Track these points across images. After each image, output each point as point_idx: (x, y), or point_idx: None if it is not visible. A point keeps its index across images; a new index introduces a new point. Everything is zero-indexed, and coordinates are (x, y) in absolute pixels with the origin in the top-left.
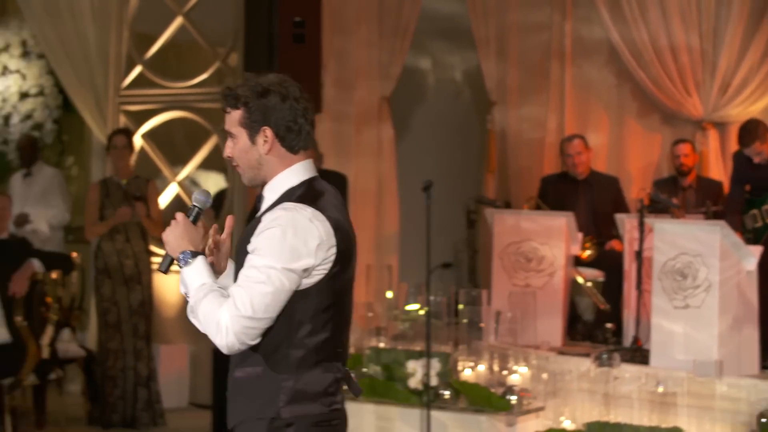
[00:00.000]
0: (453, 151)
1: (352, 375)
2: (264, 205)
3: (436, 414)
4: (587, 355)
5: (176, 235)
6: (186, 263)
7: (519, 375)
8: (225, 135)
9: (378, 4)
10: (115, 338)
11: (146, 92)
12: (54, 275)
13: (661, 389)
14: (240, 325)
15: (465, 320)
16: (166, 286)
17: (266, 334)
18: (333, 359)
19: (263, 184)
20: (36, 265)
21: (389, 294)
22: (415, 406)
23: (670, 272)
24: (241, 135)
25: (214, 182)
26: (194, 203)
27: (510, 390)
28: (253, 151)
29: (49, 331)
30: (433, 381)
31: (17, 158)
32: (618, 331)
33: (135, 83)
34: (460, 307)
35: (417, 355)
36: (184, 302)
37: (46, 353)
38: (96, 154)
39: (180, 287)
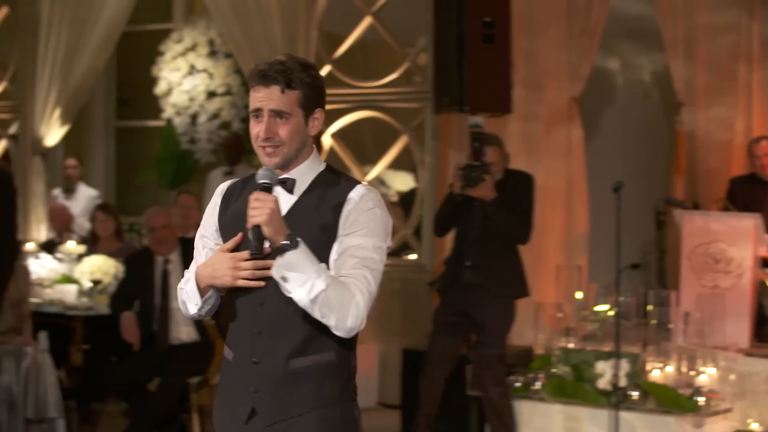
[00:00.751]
0: (641, 152)
1: None
2: (299, 189)
3: (624, 415)
4: None
5: (278, 215)
6: (295, 246)
7: (707, 376)
8: (415, 133)
9: (567, 5)
10: None
11: (335, 92)
12: None
13: None
14: (369, 306)
15: (654, 321)
16: None
17: None
18: None
19: (283, 168)
20: None
21: (579, 294)
22: (603, 407)
23: None
24: (297, 116)
25: (403, 182)
26: (264, 180)
27: (698, 391)
28: (304, 133)
29: None
30: (622, 382)
31: (210, 156)
32: None
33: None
34: (649, 308)
35: (606, 356)
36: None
37: None
38: None
39: (275, 272)
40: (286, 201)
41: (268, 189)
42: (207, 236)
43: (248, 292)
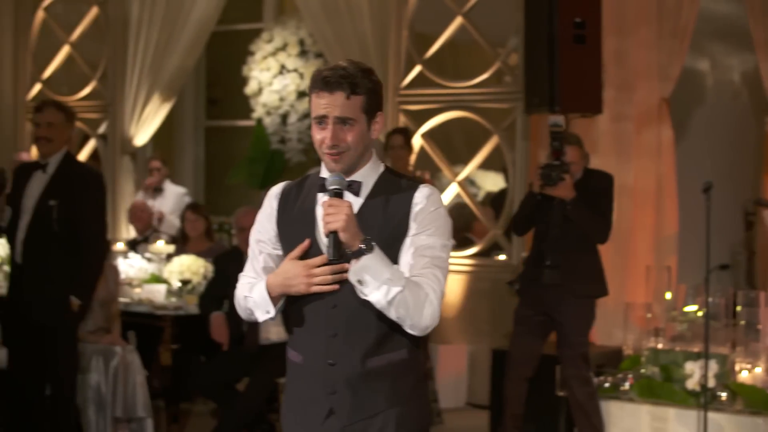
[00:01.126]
0: (730, 152)
1: None
2: (364, 191)
3: (712, 416)
4: None
5: (354, 221)
6: (371, 249)
7: None
8: (506, 133)
9: (657, 5)
10: None
11: (425, 92)
12: None
13: None
14: (441, 303)
15: (743, 322)
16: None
17: None
18: None
19: (347, 172)
20: None
21: (668, 295)
22: (691, 408)
23: None
24: (361, 121)
25: (493, 182)
26: (335, 186)
27: None
28: (367, 137)
29: None
30: (711, 382)
31: (301, 156)
32: None
33: (414, 83)
34: (738, 308)
35: (695, 357)
36: (462, 300)
37: None
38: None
39: (352, 275)
40: (353, 204)
41: (339, 194)
42: (264, 241)
43: (319, 296)
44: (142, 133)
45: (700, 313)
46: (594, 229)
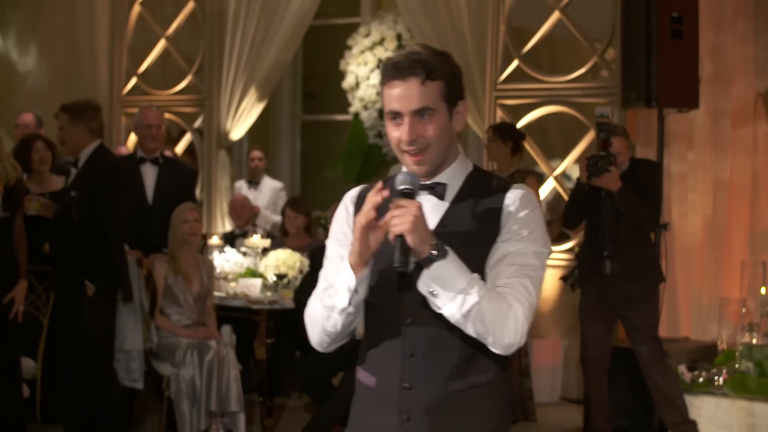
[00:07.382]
0: None
1: None
2: (450, 194)
3: None
4: None
5: (424, 224)
6: (444, 255)
7: None
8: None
9: (754, 0)
10: None
11: (522, 86)
12: None
13: None
14: (530, 318)
15: None
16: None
17: None
18: None
19: (432, 172)
20: None
21: (763, 290)
22: None
23: None
24: (442, 111)
25: None
26: (404, 186)
27: None
28: (449, 129)
29: None
30: None
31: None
32: None
33: (511, 77)
34: None
35: None
36: (557, 294)
37: None
38: (472, 148)
39: (422, 286)
40: (437, 208)
41: (409, 195)
42: (340, 245)
43: (393, 309)
44: (238, 128)
45: None
46: (643, 217)
